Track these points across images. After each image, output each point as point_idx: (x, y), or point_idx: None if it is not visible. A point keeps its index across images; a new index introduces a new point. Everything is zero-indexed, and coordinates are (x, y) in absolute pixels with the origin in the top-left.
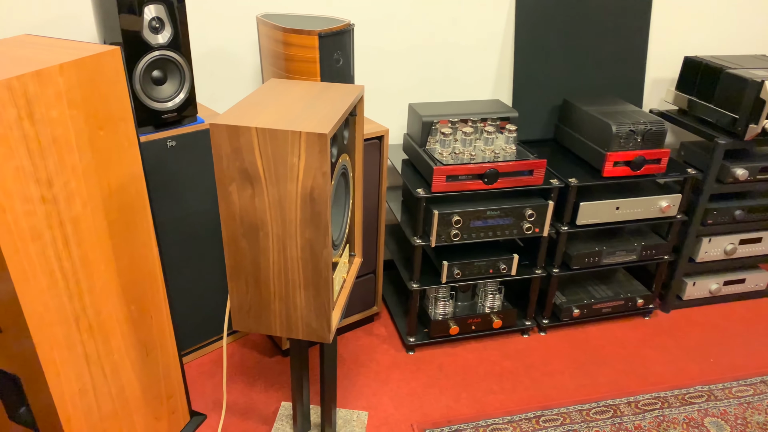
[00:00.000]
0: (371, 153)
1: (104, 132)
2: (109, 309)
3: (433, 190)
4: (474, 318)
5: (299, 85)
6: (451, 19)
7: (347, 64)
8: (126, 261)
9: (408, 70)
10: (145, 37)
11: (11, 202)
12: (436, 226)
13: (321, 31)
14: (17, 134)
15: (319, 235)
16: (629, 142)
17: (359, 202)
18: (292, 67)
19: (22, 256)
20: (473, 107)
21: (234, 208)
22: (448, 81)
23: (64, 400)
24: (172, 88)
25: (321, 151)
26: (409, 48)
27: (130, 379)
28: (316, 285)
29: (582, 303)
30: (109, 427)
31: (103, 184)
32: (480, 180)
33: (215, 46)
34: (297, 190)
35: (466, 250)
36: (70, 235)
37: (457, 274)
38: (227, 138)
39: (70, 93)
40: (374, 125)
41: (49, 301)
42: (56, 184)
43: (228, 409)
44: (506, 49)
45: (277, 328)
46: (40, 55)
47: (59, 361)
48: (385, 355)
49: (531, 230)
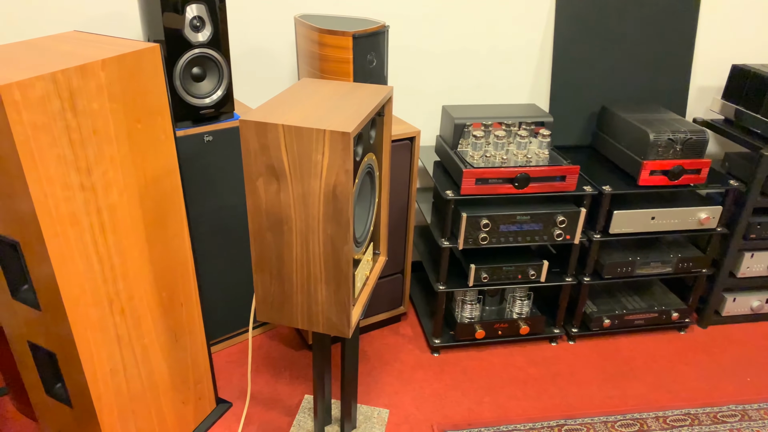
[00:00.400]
0: (402, 153)
1: (142, 125)
2: (141, 294)
3: (462, 193)
4: (501, 323)
5: (329, 84)
6: (488, 23)
7: (380, 66)
8: (159, 249)
9: (443, 73)
10: (186, 35)
11: (53, 189)
12: (464, 228)
13: (355, 33)
14: (60, 125)
15: (340, 231)
16: (668, 151)
17: (385, 201)
18: (326, 67)
19: (62, 240)
20: (507, 111)
21: (260, 202)
22: (483, 85)
23: (96, 378)
24: (211, 84)
25: (344, 149)
26: (444, 51)
27: (159, 363)
28: (337, 280)
29: (613, 313)
30: (138, 407)
31: (140, 174)
32: (510, 184)
33: (255, 45)
34: (320, 186)
35: (495, 254)
36: (107, 221)
37: (484, 278)
38: (255, 134)
39: (110, 87)
40: (406, 126)
41: (85, 283)
42: (95, 172)
43: (253, 398)
44: (544, 54)
45: (298, 320)
46: (84, 50)
47: (93, 341)
48: (409, 355)
49: (561, 237)
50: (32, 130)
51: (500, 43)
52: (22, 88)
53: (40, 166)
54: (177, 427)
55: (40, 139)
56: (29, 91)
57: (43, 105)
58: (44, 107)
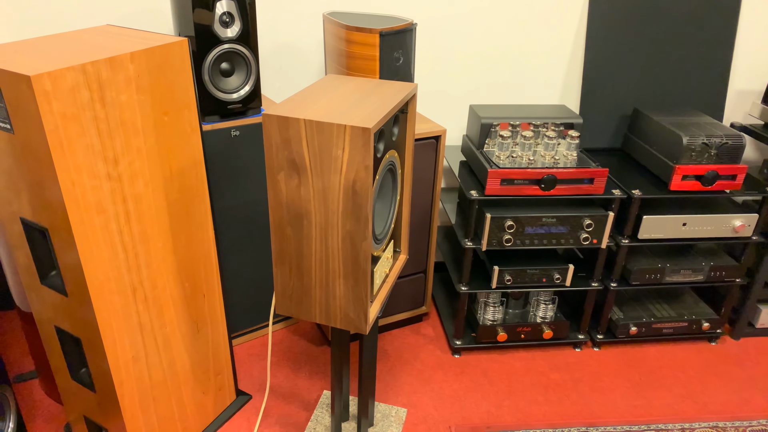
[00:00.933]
0: (427, 152)
1: (168, 117)
2: (163, 284)
3: (486, 193)
4: (524, 326)
5: (353, 81)
6: (519, 23)
7: (407, 63)
8: (183, 240)
9: (472, 72)
10: (216, 31)
11: (80, 177)
12: (488, 229)
13: (382, 30)
14: (89, 115)
15: (359, 227)
16: (702, 155)
17: (407, 199)
18: (352, 64)
19: (87, 227)
20: (536, 111)
21: (281, 196)
22: (513, 85)
23: (119, 365)
24: (239, 80)
25: (364, 144)
26: (474, 50)
27: (180, 352)
28: (355, 276)
29: (641, 321)
30: (159, 394)
31: (165, 166)
32: (537, 186)
33: (285, 42)
34: (340, 181)
35: (519, 256)
36: (132, 211)
37: (507, 281)
38: (277, 128)
39: (139, 79)
40: (431, 125)
41: (110, 271)
42: (122, 163)
43: (272, 391)
44: (576, 55)
45: (316, 315)
46: (115, 43)
47: (116, 328)
48: (430, 356)
49: (588, 241)
50: (62, 120)
51: (531, 43)
52: (52, 79)
53: (68, 154)
54: (197, 416)
55: (69, 129)
56: (60, 82)
57: (72, 95)
58: (74, 98)
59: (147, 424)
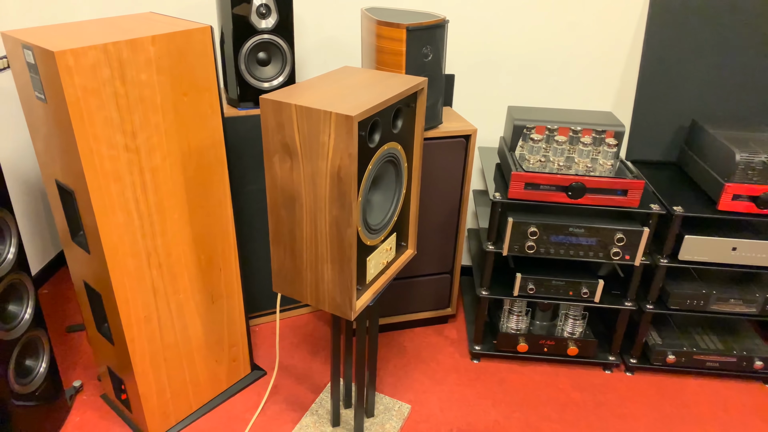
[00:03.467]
0: (456, 151)
1: (188, 98)
2: (178, 253)
3: (509, 196)
4: (548, 339)
5: (365, 72)
6: (569, 23)
7: (437, 60)
8: (199, 215)
9: (518, 73)
10: (252, 22)
11: (99, 146)
12: (509, 234)
13: (409, 25)
14: (109, 90)
15: (344, 213)
16: (760, 175)
17: (415, 193)
18: (381, 59)
19: (104, 193)
20: (576, 117)
21: (276, 179)
22: (560, 90)
23: (131, 322)
24: (274, 70)
25: (348, 132)
26: (520, 51)
27: (194, 319)
28: (341, 261)
29: (680, 349)
30: (171, 356)
31: (183, 143)
32: (564, 193)
33: (330, 37)
34: (327, 167)
35: (548, 265)
36: (149, 182)
37: (531, 290)
38: (272, 112)
39: (159, 61)
40: (462, 123)
41: (125, 235)
42: (140, 136)
43: (287, 371)
44: (632, 58)
45: (307, 296)
46: (142, 27)
47: (129, 287)
48: (448, 358)
49: (620, 256)
50: (82, 93)
51: (583, 45)
52: (75, 55)
53: (88, 124)
54: (209, 383)
55: (89, 102)
56: (82, 59)
57: (93, 72)
58: (95, 74)
59: (157, 382)
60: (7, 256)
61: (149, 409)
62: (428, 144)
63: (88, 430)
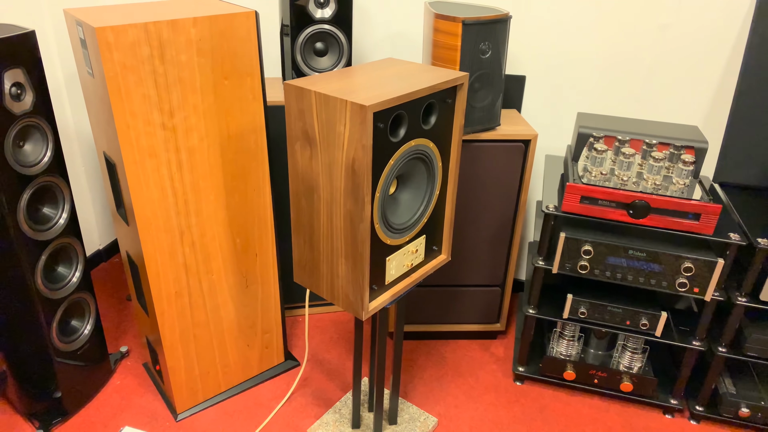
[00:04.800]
0: (512, 156)
1: (229, 82)
2: (213, 234)
3: (563, 209)
4: (600, 370)
5: (406, 64)
6: (659, 25)
7: (497, 58)
8: (236, 199)
9: (597, 77)
10: (310, 11)
11: (135, 122)
12: (561, 250)
13: (465, 19)
14: (148, 68)
15: (357, 207)
16: None
17: (451, 195)
18: (437, 54)
19: (139, 167)
20: (654, 129)
21: (297, 167)
22: (643, 99)
23: (161, 296)
24: (331, 61)
25: (362, 123)
26: (601, 54)
27: (226, 301)
28: (354, 258)
29: (757, 403)
30: (200, 333)
31: (222, 126)
32: (625, 210)
33: (398, 31)
34: (342, 159)
35: (607, 288)
36: (185, 161)
37: (582, 314)
38: (295, 98)
39: (200, 43)
40: (521, 127)
41: (158, 210)
42: (177, 116)
43: (320, 365)
44: (730, 68)
45: (324, 290)
46: (188, 9)
47: (160, 262)
48: (489, 375)
49: (687, 288)
50: (121, 69)
51: (674, 50)
52: (115, 33)
53: (125, 100)
54: (239, 366)
55: (127, 78)
56: (122, 36)
57: (133, 49)
58: (134, 51)
59: (186, 357)
60: (59, 221)
61: (177, 382)
62: (482, 146)
63: (125, 394)
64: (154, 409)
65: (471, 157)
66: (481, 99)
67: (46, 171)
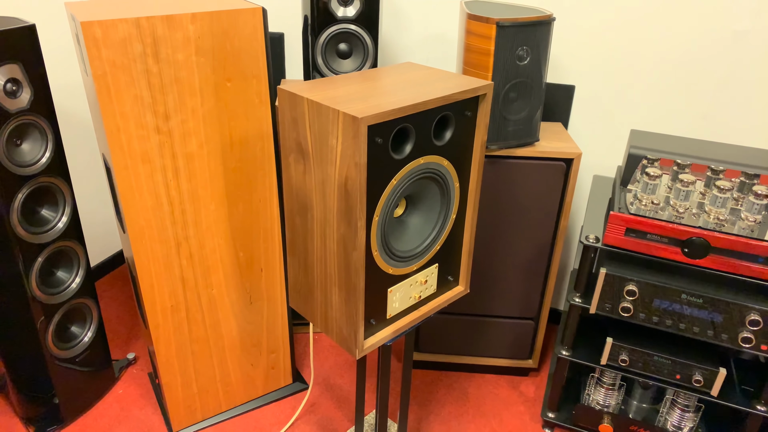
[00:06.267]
0: (552, 177)
1: (232, 84)
2: (213, 246)
3: (604, 242)
4: (642, 427)
5: (423, 70)
6: (734, 32)
7: (536, 65)
8: (240, 210)
9: (657, 90)
10: (332, 9)
11: (126, 124)
12: (600, 288)
13: (500, 20)
14: (140, 67)
15: (350, 232)
16: None
17: (471, 220)
18: (468, 59)
19: (131, 172)
20: (721, 152)
21: (292, 182)
22: (713, 117)
23: (155, 310)
24: (354, 64)
25: (355, 137)
26: (664, 63)
27: (227, 317)
28: (347, 288)
29: None
30: (199, 350)
31: (225, 132)
32: (679, 248)
33: (435, 33)
34: (335, 176)
35: (652, 333)
36: (182, 168)
37: (623, 361)
38: (288, 105)
39: (199, 41)
40: (565, 144)
41: (152, 219)
42: (173, 119)
43: (331, 391)
44: None
45: (318, 319)
46: (187, 4)
47: (155, 273)
48: (515, 418)
49: (752, 344)
50: (110, 67)
51: (749, 61)
52: (103, 28)
53: (115, 101)
54: (242, 386)
55: (117, 77)
56: (110, 31)
57: (123, 46)
58: (125, 48)
59: (183, 373)
60: (57, 224)
61: (173, 399)
62: (517, 164)
63: (125, 404)
64: (151, 425)
65: (504, 176)
66: (517, 111)
67: (45, 171)
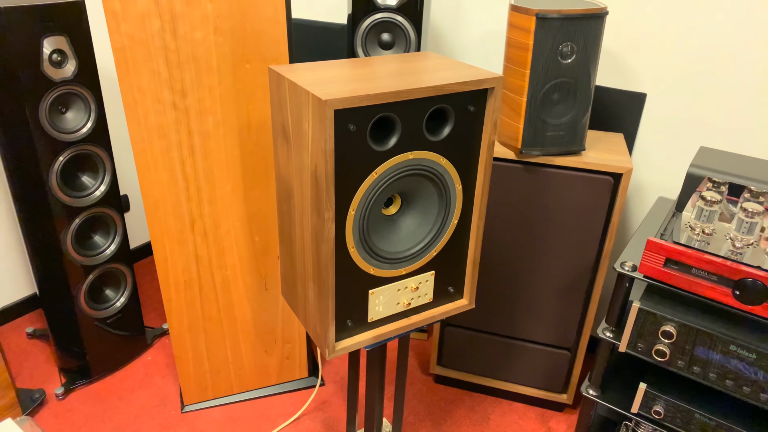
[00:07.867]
0: (597, 192)
1: (251, 66)
2: (228, 227)
3: (639, 270)
4: None
5: (436, 59)
6: None
7: (584, 63)
8: (257, 193)
9: (745, 109)
10: None
11: (143, 98)
12: (632, 324)
13: (540, 11)
14: (158, 43)
15: (319, 223)
16: None
17: (477, 228)
18: (508, 54)
19: (146, 146)
20: None
21: (279, 166)
22: None
23: (168, 283)
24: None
25: (322, 120)
26: (752, 72)
27: (241, 300)
28: (319, 284)
29: None
30: (211, 328)
31: (242, 114)
32: (729, 289)
33: (494, 29)
34: (308, 163)
35: (695, 384)
36: (197, 146)
37: (657, 414)
38: (276, 87)
39: (217, 20)
40: (615, 157)
41: (167, 194)
42: (190, 96)
43: (346, 390)
44: None
45: (300, 312)
46: None
47: (168, 247)
48: None
49: None
50: (129, 41)
51: None
52: (122, 2)
53: (132, 74)
54: (254, 371)
55: (135, 51)
56: (130, 6)
57: (142, 21)
58: (143, 24)
59: (195, 349)
60: (95, 192)
61: (184, 373)
62: (555, 174)
63: (150, 371)
64: (167, 394)
65: (541, 187)
66: (559, 114)
67: (86, 140)
